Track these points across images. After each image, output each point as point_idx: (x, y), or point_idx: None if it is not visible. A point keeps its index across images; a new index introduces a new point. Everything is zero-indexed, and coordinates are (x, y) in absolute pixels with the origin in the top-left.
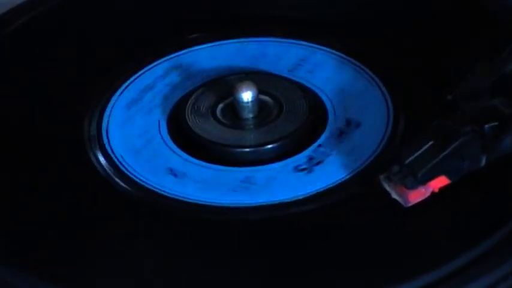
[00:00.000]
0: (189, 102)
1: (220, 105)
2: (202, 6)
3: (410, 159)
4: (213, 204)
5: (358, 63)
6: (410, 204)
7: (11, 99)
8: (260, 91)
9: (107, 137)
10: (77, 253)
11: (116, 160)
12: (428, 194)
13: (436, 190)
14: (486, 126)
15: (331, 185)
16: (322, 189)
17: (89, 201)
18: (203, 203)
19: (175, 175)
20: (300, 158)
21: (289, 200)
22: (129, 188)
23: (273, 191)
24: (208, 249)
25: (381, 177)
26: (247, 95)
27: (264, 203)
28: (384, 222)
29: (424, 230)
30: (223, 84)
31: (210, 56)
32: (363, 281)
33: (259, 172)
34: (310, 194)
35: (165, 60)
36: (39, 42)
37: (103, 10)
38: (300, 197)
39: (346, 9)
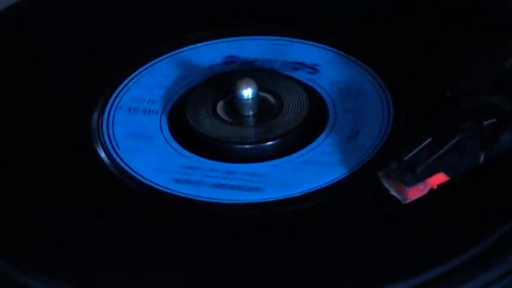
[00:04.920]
0: (189, 100)
1: (221, 103)
2: (203, 3)
3: (409, 155)
4: (212, 201)
5: (358, 61)
6: (408, 201)
7: (11, 98)
8: (260, 88)
9: (108, 136)
10: (77, 250)
11: (117, 158)
12: (426, 190)
13: (435, 187)
14: (485, 122)
15: (330, 182)
16: (321, 187)
17: (90, 199)
18: (201, 199)
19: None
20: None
21: (286, 198)
22: (130, 186)
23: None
24: (205, 246)
25: (380, 173)
26: (247, 92)
27: (261, 200)
28: (382, 219)
29: (422, 228)
30: (223, 81)
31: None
32: (361, 278)
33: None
34: (310, 191)
35: (166, 58)
36: (39, 41)
37: (102, 9)
38: (299, 195)
39: (346, 7)
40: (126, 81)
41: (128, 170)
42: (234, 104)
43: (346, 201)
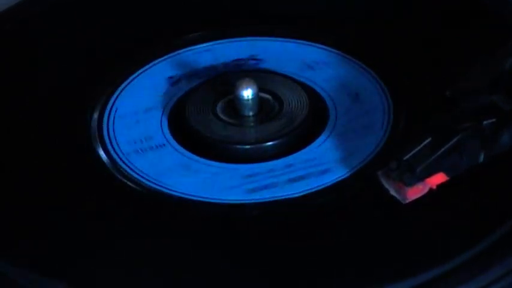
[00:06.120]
0: (189, 100)
1: (221, 103)
2: (203, 3)
3: (408, 155)
4: (212, 201)
5: (358, 61)
6: (408, 201)
7: (11, 98)
8: (261, 89)
9: (108, 136)
10: (77, 250)
11: (118, 159)
12: (426, 190)
13: (434, 187)
14: (484, 122)
15: (330, 183)
16: (321, 187)
17: (90, 199)
18: (204, 200)
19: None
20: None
21: (286, 198)
22: (130, 186)
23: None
24: (206, 247)
25: (379, 173)
26: (247, 93)
27: (261, 200)
28: (382, 219)
29: (422, 228)
30: (223, 81)
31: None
32: (361, 278)
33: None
34: (310, 191)
35: (166, 58)
36: (39, 41)
37: (102, 9)
38: (299, 195)
39: (346, 7)
40: (126, 82)
41: (128, 170)
42: (234, 104)
43: (346, 201)
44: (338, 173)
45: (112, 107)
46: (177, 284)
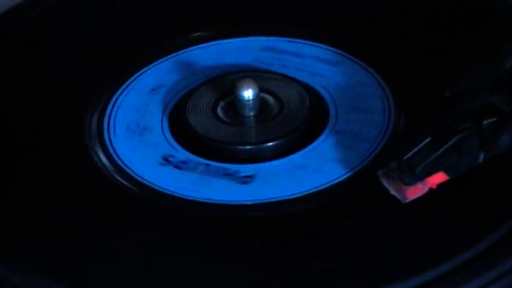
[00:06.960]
0: (190, 100)
1: (222, 103)
2: (204, 3)
3: (408, 155)
4: (212, 202)
5: (358, 61)
6: (408, 201)
7: (11, 98)
8: (261, 89)
9: (109, 136)
10: (77, 250)
11: (117, 159)
12: (426, 190)
13: (434, 186)
14: (484, 122)
15: (331, 182)
16: (321, 187)
17: (90, 199)
18: (201, 200)
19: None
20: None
21: (287, 198)
22: (130, 187)
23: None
24: (205, 247)
25: (379, 173)
26: (248, 93)
27: (262, 200)
28: (382, 219)
29: (422, 228)
30: (224, 82)
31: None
32: (361, 278)
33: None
34: (310, 191)
35: (168, 58)
36: (39, 41)
37: (103, 9)
38: (299, 195)
39: (347, 6)
40: (127, 82)
41: (128, 170)
42: (235, 104)
43: (346, 201)
44: (338, 173)
45: (113, 107)
46: (176, 284)
